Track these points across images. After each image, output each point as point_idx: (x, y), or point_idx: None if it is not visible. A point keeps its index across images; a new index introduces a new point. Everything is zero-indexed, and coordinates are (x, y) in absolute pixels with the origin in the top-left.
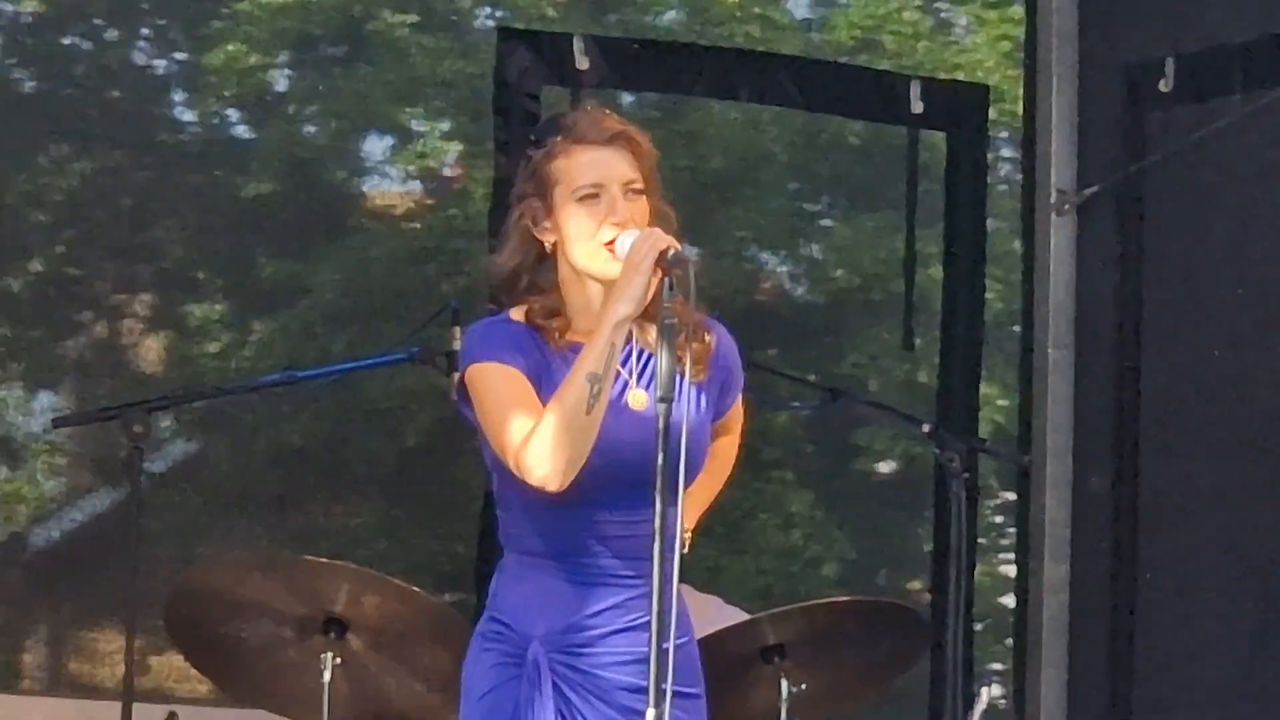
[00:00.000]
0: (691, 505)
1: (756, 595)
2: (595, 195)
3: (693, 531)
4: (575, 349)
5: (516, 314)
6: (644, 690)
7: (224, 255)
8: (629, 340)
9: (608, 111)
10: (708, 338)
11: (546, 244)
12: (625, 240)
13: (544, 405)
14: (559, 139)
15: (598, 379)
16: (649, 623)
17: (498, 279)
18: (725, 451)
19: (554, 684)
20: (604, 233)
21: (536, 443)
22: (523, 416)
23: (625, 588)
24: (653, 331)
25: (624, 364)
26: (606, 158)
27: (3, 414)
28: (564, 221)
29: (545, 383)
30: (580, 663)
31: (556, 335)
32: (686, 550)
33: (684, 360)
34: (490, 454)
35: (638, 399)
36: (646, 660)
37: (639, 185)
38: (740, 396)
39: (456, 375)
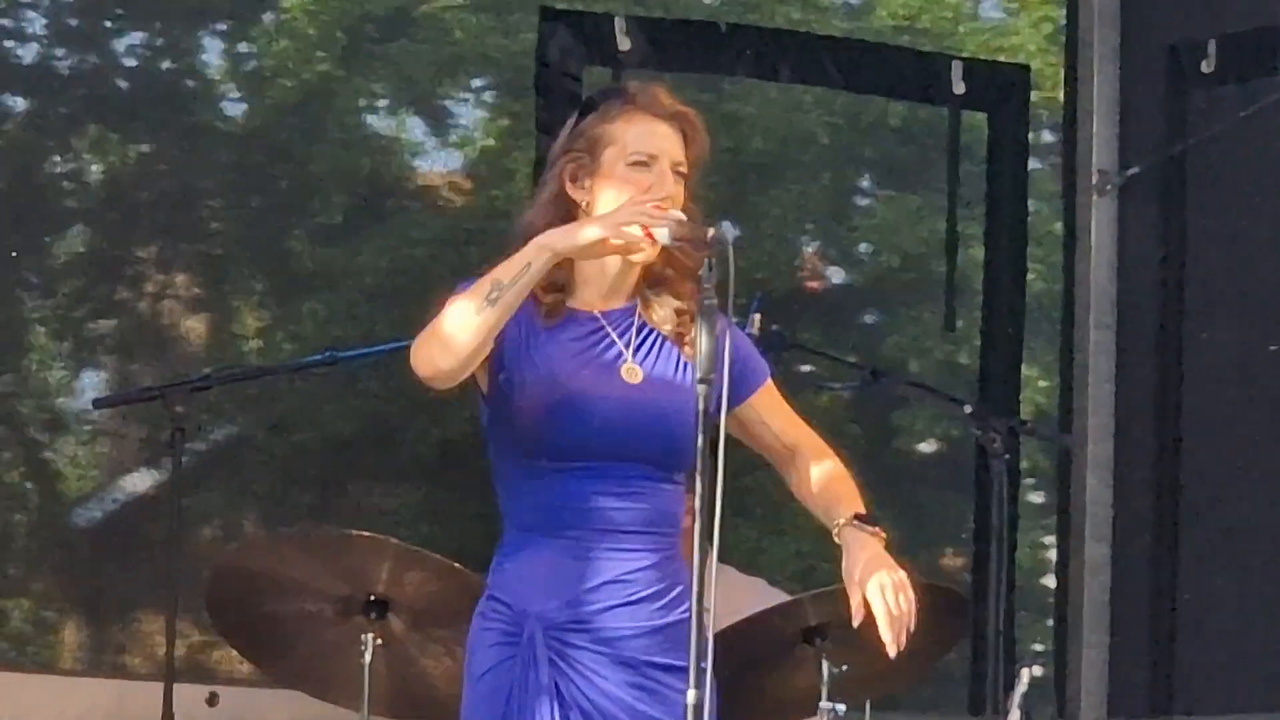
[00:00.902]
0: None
1: (797, 577)
2: (646, 165)
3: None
4: (580, 315)
5: None
6: (644, 665)
7: (265, 237)
8: (632, 312)
9: (669, 90)
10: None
11: (578, 202)
12: (663, 232)
13: (516, 373)
14: (620, 103)
15: (500, 286)
16: (650, 596)
17: (522, 238)
18: (804, 440)
19: (550, 661)
20: (644, 208)
21: (422, 334)
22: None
23: (621, 561)
24: (660, 309)
25: (622, 336)
26: (665, 132)
27: (45, 394)
28: (606, 184)
29: (524, 353)
30: (577, 639)
31: (550, 310)
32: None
33: (684, 340)
34: (487, 421)
35: (632, 372)
36: (646, 635)
37: (684, 169)
38: (769, 384)
39: None
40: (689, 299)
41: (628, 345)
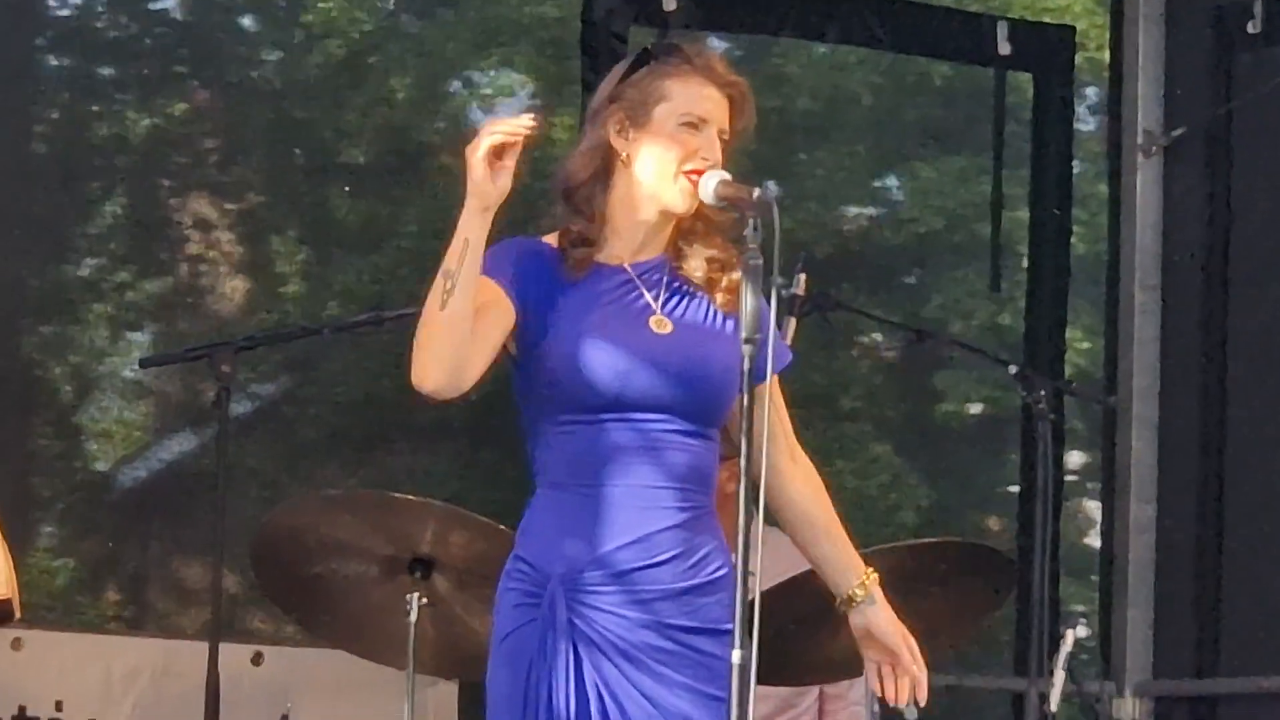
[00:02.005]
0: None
1: None
2: (697, 127)
3: None
4: (606, 269)
5: (551, 239)
6: (668, 627)
7: (307, 199)
8: (663, 266)
9: (724, 60)
10: (736, 275)
11: (619, 153)
12: (709, 180)
13: (542, 330)
14: (677, 61)
15: (451, 275)
16: (678, 556)
17: (562, 186)
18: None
19: (570, 623)
20: (695, 162)
21: (414, 352)
22: None
23: (649, 519)
24: (693, 258)
25: (652, 289)
26: (717, 98)
27: (89, 355)
28: (653, 140)
29: (550, 309)
30: (600, 600)
31: (576, 265)
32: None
33: (717, 287)
34: (518, 381)
35: (660, 323)
36: (672, 597)
37: (728, 139)
38: (775, 380)
39: None
40: (721, 249)
41: (657, 298)
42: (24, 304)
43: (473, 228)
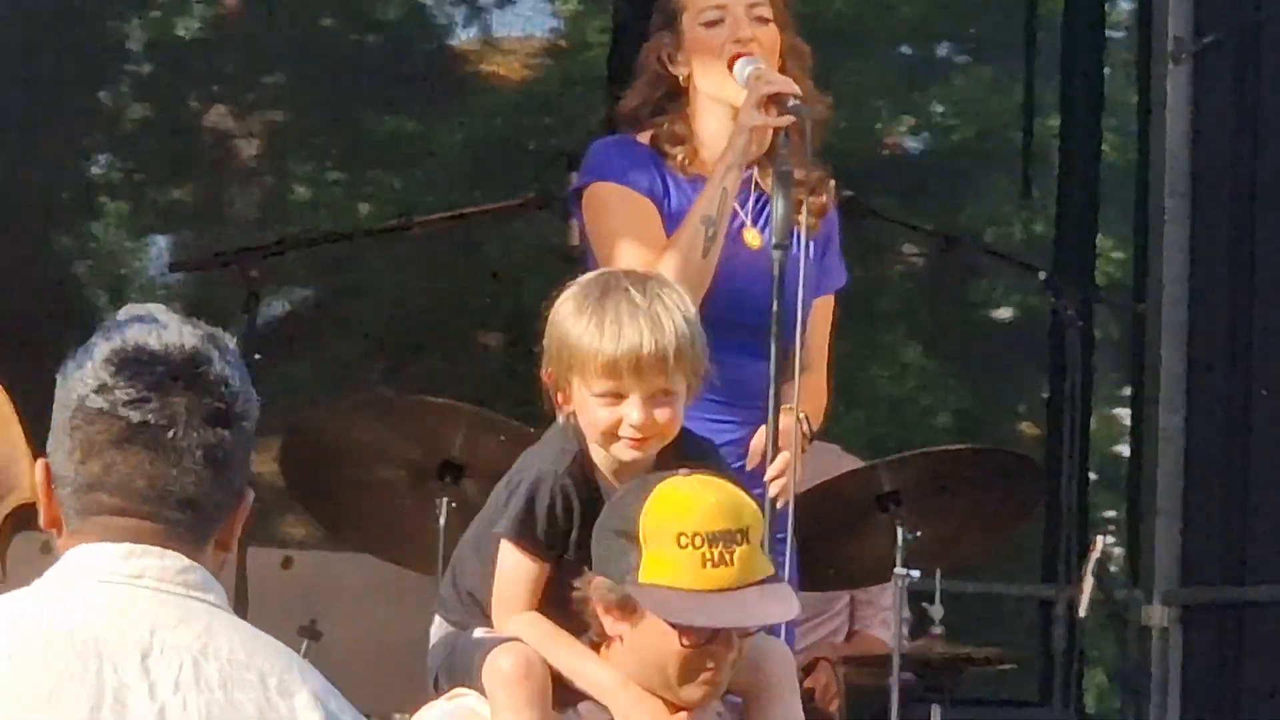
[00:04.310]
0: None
1: (870, 446)
2: (719, 20)
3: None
4: (702, 180)
5: (643, 137)
6: None
7: (337, 107)
8: (748, 181)
9: None
10: (825, 198)
11: (680, 77)
12: (743, 66)
13: (662, 233)
14: None
15: (712, 222)
16: (742, 469)
17: (628, 122)
18: (818, 366)
19: None
20: (728, 51)
21: None
22: (637, 248)
23: (720, 431)
24: (770, 174)
25: (742, 204)
26: None
27: (117, 259)
28: (693, 53)
29: (664, 210)
30: None
31: (684, 162)
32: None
33: (801, 211)
34: None
35: (752, 237)
36: None
37: (764, 12)
38: (832, 298)
39: (574, 185)
40: (802, 167)
41: (747, 212)
42: (51, 208)
43: (731, 179)
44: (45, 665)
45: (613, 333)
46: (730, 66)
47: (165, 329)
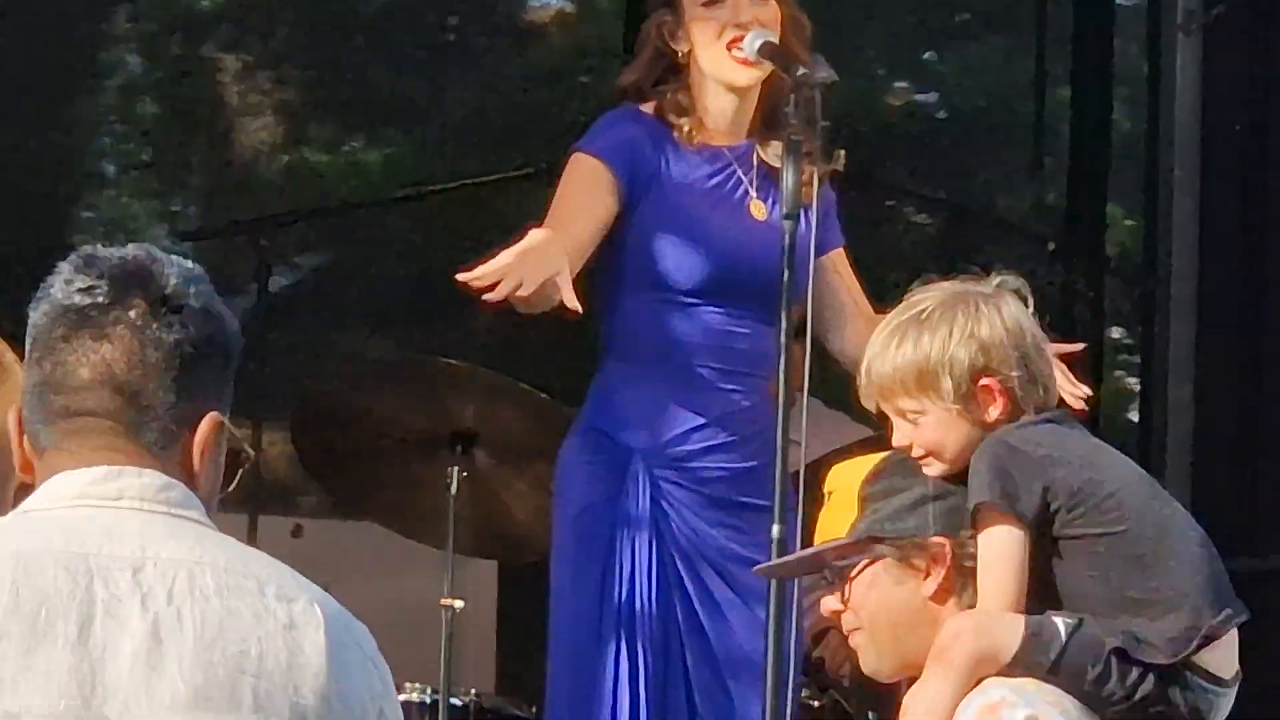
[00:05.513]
0: None
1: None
2: (719, 0)
3: None
4: (707, 151)
5: (647, 108)
6: (735, 505)
7: (350, 72)
8: (749, 153)
9: None
10: (819, 167)
11: (680, 54)
12: (753, 39)
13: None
14: None
15: None
16: (748, 437)
17: (630, 95)
18: (869, 306)
19: (652, 498)
20: (727, 34)
21: None
22: (554, 212)
23: (727, 401)
24: (771, 147)
25: (747, 174)
26: None
27: (127, 229)
28: (693, 30)
29: (657, 183)
30: (676, 476)
31: (689, 132)
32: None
33: (809, 180)
34: (603, 252)
35: (759, 208)
36: (740, 476)
37: None
38: (842, 249)
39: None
40: (803, 136)
41: (751, 183)
42: (62, 178)
43: None
44: (33, 584)
45: None
46: (730, 50)
47: (132, 248)
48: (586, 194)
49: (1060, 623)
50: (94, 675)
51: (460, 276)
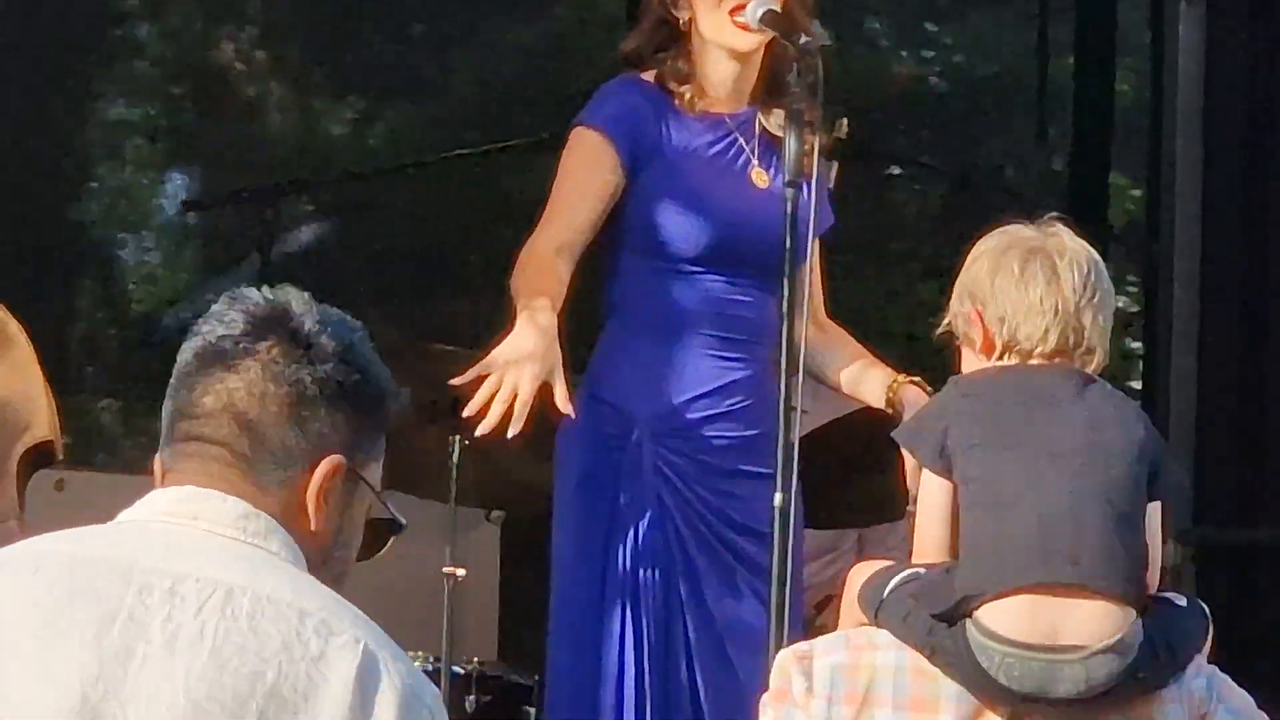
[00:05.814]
0: None
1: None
2: None
3: None
4: (709, 118)
5: (647, 75)
6: (736, 475)
7: (352, 46)
8: (751, 121)
9: None
10: (821, 138)
11: (682, 21)
12: (755, 8)
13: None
14: None
15: None
16: (749, 407)
17: (629, 64)
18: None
19: (654, 467)
20: (728, 2)
21: None
22: (554, 222)
23: (728, 369)
24: (773, 115)
25: (749, 142)
26: None
27: (137, 196)
28: None
29: (659, 152)
30: (678, 443)
31: (691, 99)
32: None
33: (810, 149)
34: (608, 217)
35: (760, 176)
36: (740, 445)
37: None
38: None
39: None
40: (805, 105)
41: (753, 151)
42: (68, 148)
43: None
44: (68, 581)
45: None
46: (732, 16)
47: (282, 293)
48: (589, 171)
49: (899, 577)
50: (100, 674)
51: (454, 382)
